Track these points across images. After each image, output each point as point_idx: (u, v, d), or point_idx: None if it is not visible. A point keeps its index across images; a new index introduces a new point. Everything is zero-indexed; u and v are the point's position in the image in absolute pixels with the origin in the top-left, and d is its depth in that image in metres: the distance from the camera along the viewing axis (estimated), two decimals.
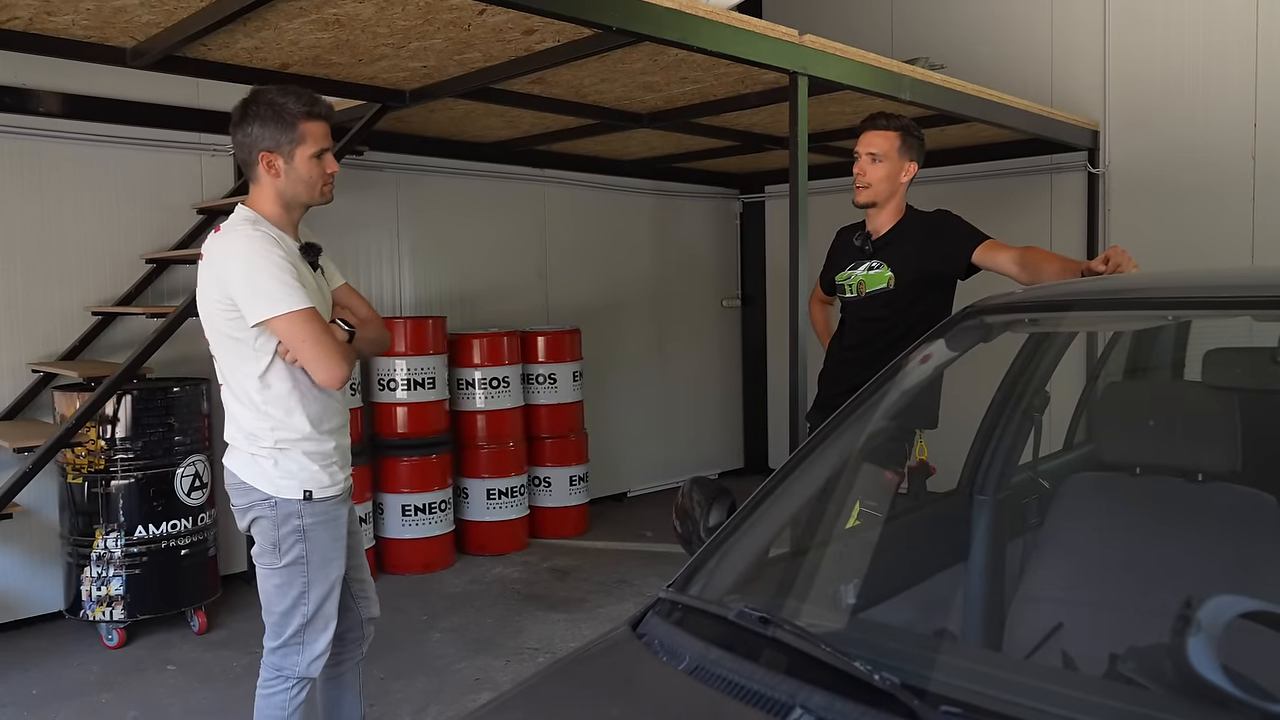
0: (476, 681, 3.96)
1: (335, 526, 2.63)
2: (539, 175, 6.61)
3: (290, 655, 2.65)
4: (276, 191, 2.55)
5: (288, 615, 2.62)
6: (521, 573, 5.50)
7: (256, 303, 2.43)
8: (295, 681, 2.66)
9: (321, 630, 2.64)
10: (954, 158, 6.30)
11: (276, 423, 2.53)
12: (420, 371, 5.52)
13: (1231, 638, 1.27)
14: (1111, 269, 2.67)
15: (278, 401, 2.53)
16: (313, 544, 2.58)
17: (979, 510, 2.43)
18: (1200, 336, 2.58)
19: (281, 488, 2.55)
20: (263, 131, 2.50)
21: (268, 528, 2.58)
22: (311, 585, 2.60)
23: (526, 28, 3.60)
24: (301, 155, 2.52)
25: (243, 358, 2.52)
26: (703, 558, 1.78)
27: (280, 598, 2.61)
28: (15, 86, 4.48)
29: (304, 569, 2.58)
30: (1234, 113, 5.38)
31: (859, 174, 3.34)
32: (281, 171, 2.52)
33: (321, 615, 2.63)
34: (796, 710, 1.29)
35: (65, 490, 4.42)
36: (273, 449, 2.54)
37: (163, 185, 4.99)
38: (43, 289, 4.64)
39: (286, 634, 2.63)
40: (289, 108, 2.50)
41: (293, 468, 2.55)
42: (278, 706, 2.65)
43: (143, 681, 4.01)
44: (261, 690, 2.69)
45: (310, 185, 2.56)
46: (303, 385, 2.54)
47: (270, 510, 2.57)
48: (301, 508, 2.56)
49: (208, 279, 2.54)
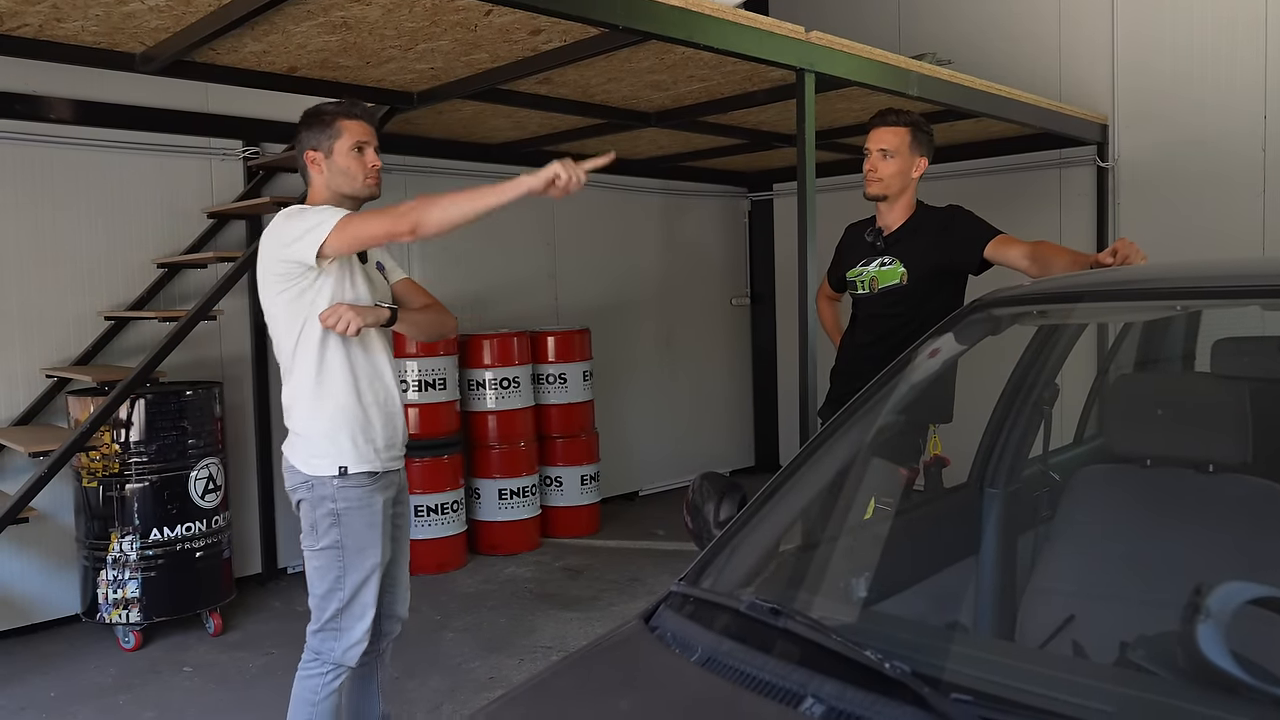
0: (490, 680, 3.97)
1: (370, 513, 2.70)
2: None
3: (328, 640, 2.72)
4: (324, 186, 2.74)
5: (326, 599, 2.71)
6: (534, 572, 5.51)
7: (307, 235, 2.55)
8: (331, 667, 2.73)
9: (359, 618, 2.71)
10: (962, 153, 6.30)
11: (316, 393, 2.68)
12: (431, 373, 5.54)
13: (1241, 624, 1.27)
14: (1120, 261, 2.67)
15: (321, 371, 2.67)
16: (347, 529, 2.67)
17: (989, 503, 2.43)
18: (1211, 327, 2.57)
19: (316, 466, 2.67)
20: (307, 134, 2.74)
21: (307, 510, 2.72)
22: (347, 571, 2.68)
23: (533, 28, 3.62)
24: (340, 149, 2.70)
25: (295, 323, 2.67)
26: (714, 551, 1.79)
27: (319, 580, 2.71)
28: (25, 93, 4.51)
29: (339, 554, 2.68)
30: (1244, 104, 5.37)
31: (870, 170, 3.34)
32: (324, 166, 2.72)
33: (358, 602, 2.71)
34: (808, 700, 1.29)
35: (80, 494, 4.45)
36: (310, 420, 2.69)
37: (173, 190, 5.02)
38: (55, 294, 4.67)
39: (325, 618, 2.72)
40: (328, 109, 2.76)
41: (325, 445, 2.67)
42: (311, 690, 2.73)
43: (159, 683, 4.04)
44: (300, 672, 2.77)
45: (351, 176, 2.72)
46: (351, 357, 2.69)
47: (308, 492, 2.70)
48: (335, 490, 2.65)
49: (260, 257, 2.70)
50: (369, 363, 2.74)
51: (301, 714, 2.73)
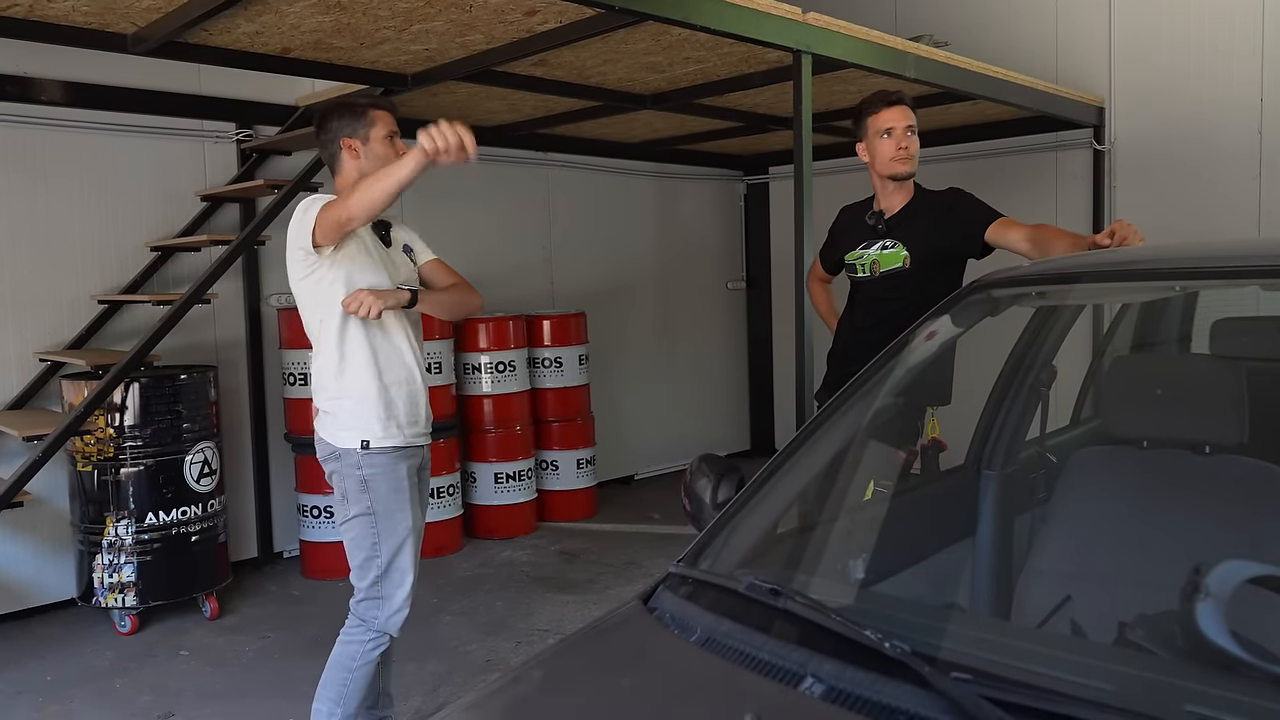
0: (488, 663, 3.98)
1: (395, 479, 2.79)
2: (542, 159, 6.60)
3: (370, 608, 2.81)
4: (359, 173, 2.80)
5: (364, 567, 2.80)
6: (530, 556, 5.52)
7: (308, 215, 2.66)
8: (375, 634, 2.80)
9: (398, 584, 2.80)
10: (959, 136, 6.29)
11: (339, 372, 2.77)
12: (427, 356, 5.48)
13: (1239, 603, 1.27)
14: (1117, 242, 2.66)
15: (343, 352, 2.77)
16: (376, 495, 2.77)
17: (986, 485, 2.43)
18: (1208, 308, 2.57)
19: (342, 439, 2.78)
20: (340, 123, 2.85)
21: (337, 481, 2.83)
22: (382, 537, 2.77)
23: (528, 8, 3.59)
24: (376, 136, 2.83)
25: (317, 308, 2.78)
26: (712, 533, 1.79)
27: (356, 550, 2.81)
28: (16, 75, 4.47)
29: (372, 521, 2.77)
30: (1240, 87, 5.36)
31: (904, 148, 3.29)
32: (361, 153, 2.83)
33: (396, 569, 2.79)
34: (808, 679, 1.29)
35: (75, 478, 4.44)
36: (336, 399, 2.79)
37: (166, 173, 4.99)
38: (48, 278, 4.65)
39: (365, 585, 2.80)
40: (359, 100, 2.91)
41: (351, 420, 2.77)
42: (349, 656, 2.80)
43: (155, 667, 4.04)
44: (342, 636, 2.84)
45: (385, 164, 2.73)
46: (371, 339, 2.78)
47: (337, 462, 2.81)
48: (361, 458, 2.76)
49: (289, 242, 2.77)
50: (388, 343, 2.83)
51: (336, 677, 2.80)
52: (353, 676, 2.79)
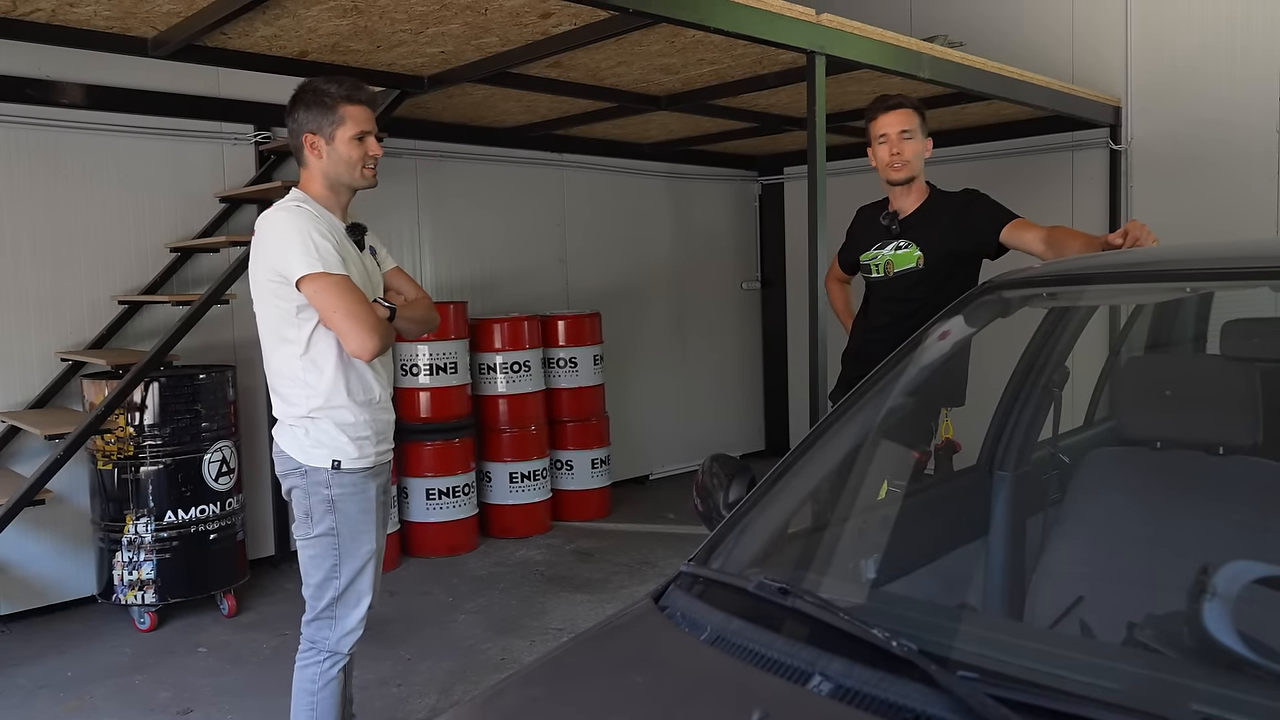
0: (502, 661, 4.00)
1: (364, 500, 2.67)
2: (558, 160, 6.62)
3: (323, 629, 2.70)
4: (321, 172, 2.66)
5: (321, 588, 2.68)
6: (545, 555, 5.54)
7: (294, 263, 2.50)
8: (327, 655, 2.71)
9: (353, 606, 2.69)
10: (974, 136, 6.27)
11: (311, 391, 2.60)
12: (442, 356, 5.56)
13: (1246, 603, 1.28)
14: (1130, 243, 2.65)
15: (314, 370, 2.60)
16: (342, 516, 2.64)
17: (999, 485, 2.43)
18: (1222, 309, 2.56)
19: (311, 456, 2.62)
20: (306, 115, 2.65)
21: (300, 497, 2.67)
22: (343, 559, 2.65)
23: (543, 11, 3.61)
24: (342, 136, 2.63)
25: (285, 325, 2.59)
26: (723, 532, 1.80)
27: (314, 569, 2.68)
28: (38, 78, 4.53)
29: (335, 541, 2.64)
30: (1258, 86, 5.32)
31: (896, 154, 3.31)
32: (324, 152, 2.64)
33: (354, 591, 2.68)
34: (816, 677, 1.30)
35: (95, 477, 4.49)
36: (305, 418, 2.62)
37: (185, 175, 5.04)
38: (70, 279, 4.70)
39: (320, 606, 2.69)
40: (330, 92, 2.64)
41: (323, 437, 2.61)
42: (309, 680, 2.72)
43: (174, 663, 4.09)
44: (298, 662, 2.76)
45: (351, 165, 2.65)
46: (342, 356, 2.61)
47: (301, 479, 2.65)
48: (330, 478, 2.62)
49: (254, 250, 2.64)
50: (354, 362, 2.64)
51: (303, 703, 2.72)
52: (318, 699, 2.70)
